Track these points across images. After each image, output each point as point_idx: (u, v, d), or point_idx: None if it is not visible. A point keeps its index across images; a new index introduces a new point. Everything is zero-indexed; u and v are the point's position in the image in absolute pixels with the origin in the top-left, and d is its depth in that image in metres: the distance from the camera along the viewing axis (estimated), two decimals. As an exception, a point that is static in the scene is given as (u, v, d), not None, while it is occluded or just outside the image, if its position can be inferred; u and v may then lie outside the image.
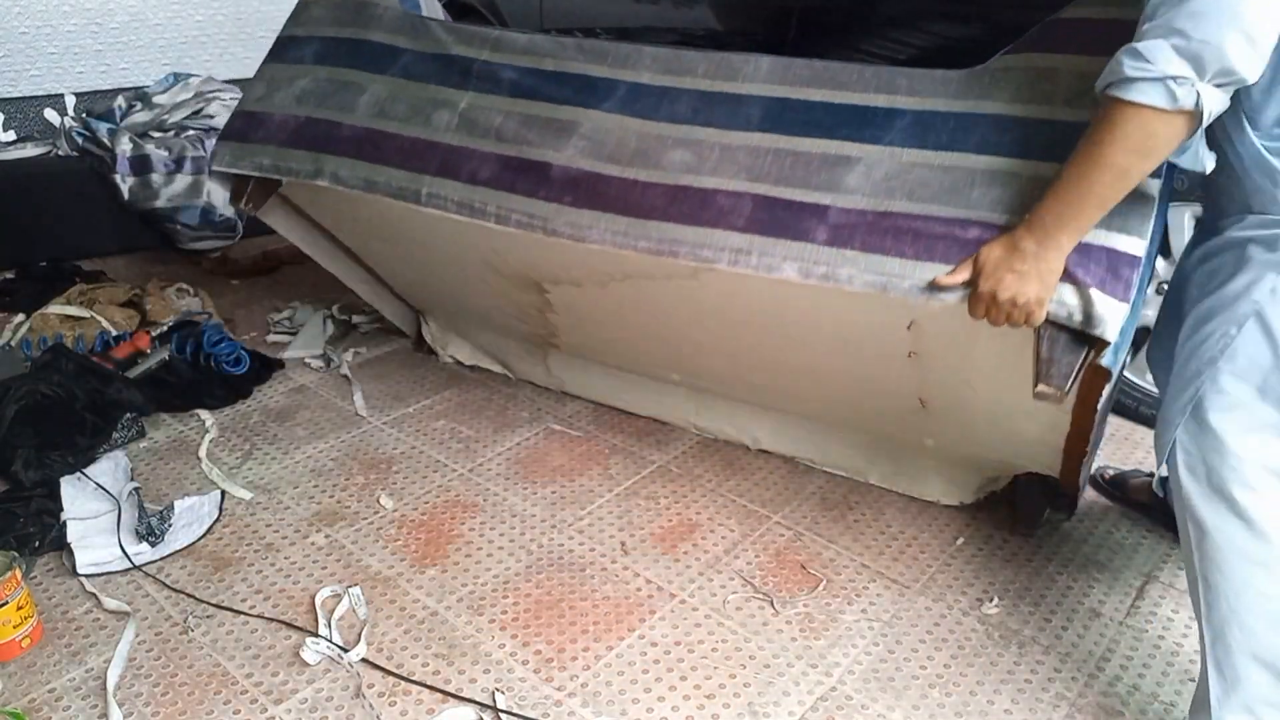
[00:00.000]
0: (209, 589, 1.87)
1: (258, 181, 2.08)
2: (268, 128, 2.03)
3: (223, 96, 3.77)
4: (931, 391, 1.86)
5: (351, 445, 2.38)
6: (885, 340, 1.71)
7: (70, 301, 2.88)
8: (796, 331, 1.83)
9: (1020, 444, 1.88)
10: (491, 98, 1.84)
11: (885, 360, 1.79)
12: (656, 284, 1.84)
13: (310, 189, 2.07)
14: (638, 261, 1.71)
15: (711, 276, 1.69)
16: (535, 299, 2.21)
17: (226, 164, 2.07)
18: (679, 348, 2.16)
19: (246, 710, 1.59)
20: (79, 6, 3.84)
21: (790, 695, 1.62)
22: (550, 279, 2.07)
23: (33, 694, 1.63)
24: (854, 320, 1.71)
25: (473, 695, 1.61)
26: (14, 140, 3.78)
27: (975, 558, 1.97)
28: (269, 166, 2.02)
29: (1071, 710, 1.60)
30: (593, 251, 1.71)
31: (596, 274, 1.94)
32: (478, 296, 2.41)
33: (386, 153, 1.88)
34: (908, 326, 1.65)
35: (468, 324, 2.70)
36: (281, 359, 2.79)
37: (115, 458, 2.24)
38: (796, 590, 1.87)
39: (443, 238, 2.09)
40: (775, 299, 1.71)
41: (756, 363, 2.05)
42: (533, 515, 2.10)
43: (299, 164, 1.98)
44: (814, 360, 1.93)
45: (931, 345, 1.69)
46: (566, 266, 1.98)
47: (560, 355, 2.55)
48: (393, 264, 2.55)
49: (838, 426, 2.19)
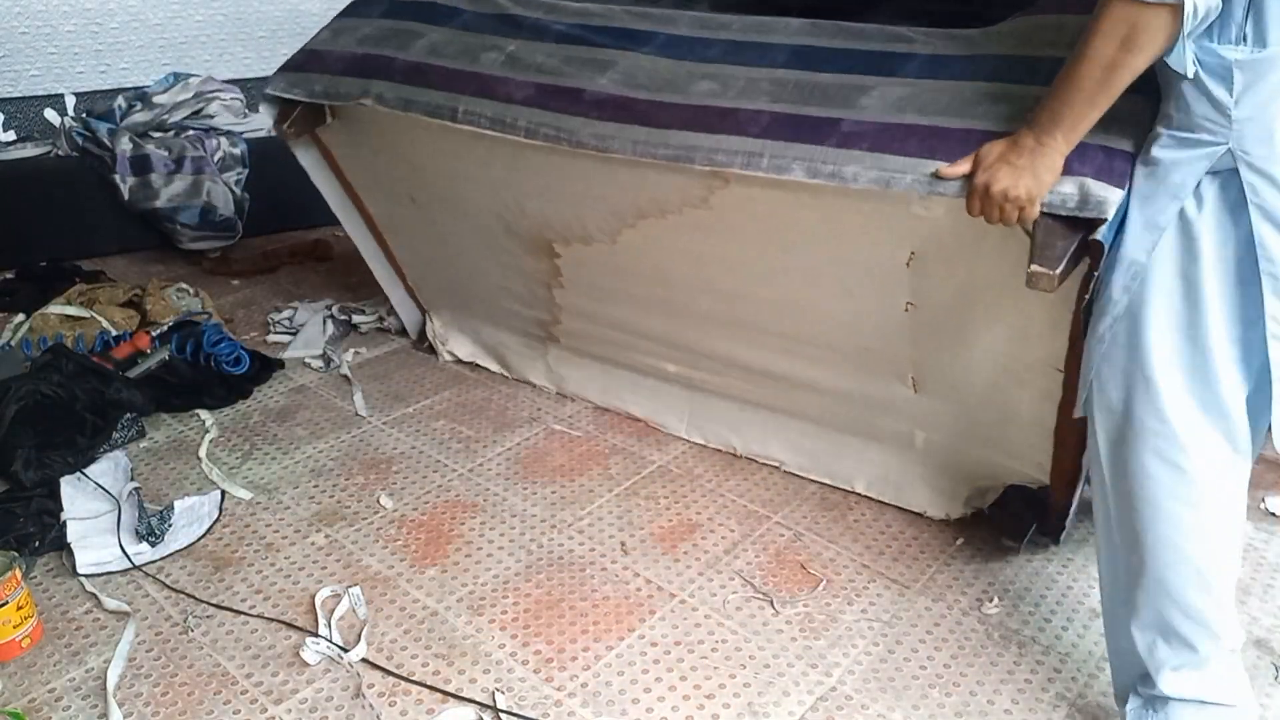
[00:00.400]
0: (209, 589, 1.87)
1: (305, 108, 2.24)
2: (325, 61, 2.21)
3: (223, 96, 3.78)
4: (925, 365, 1.88)
5: (351, 445, 2.38)
6: (885, 284, 1.77)
7: (70, 301, 2.88)
8: (798, 280, 1.89)
9: (1013, 430, 1.87)
10: (538, 44, 1.99)
11: (883, 316, 1.83)
12: (667, 223, 1.93)
13: (348, 136, 2.28)
14: (654, 185, 1.84)
15: (723, 199, 1.79)
16: (546, 266, 2.29)
17: (280, 89, 2.24)
18: (680, 319, 2.18)
19: (246, 710, 1.59)
20: (79, 6, 3.84)
21: (790, 695, 1.62)
22: (562, 236, 2.17)
23: (33, 694, 1.63)
24: (856, 253, 1.76)
25: (473, 695, 1.62)
26: (14, 140, 3.78)
27: (975, 558, 1.97)
28: (319, 92, 2.18)
29: (1071, 710, 1.60)
30: (609, 185, 1.88)
31: (609, 218, 2.02)
32: (489, 273, 2.48)
33: (430, 78, 2.03)
34: (907, 262, 1.70)
35: (471, 317, 2.72)
36: (281, 359, 2.79)
37: (115, 458, 2.24)
38: (796, 590, 1.87)
39: (466, 187, 2.22)
40: (781, 225, 1.79)
41: (755, 327, 2.07)
42: (533, 515, 2.10)
43: (347, 88, 2.13)
44: (813, 321, 1.95)
45: (929, 290, 1.73)
46: (580, 213, 2.06)
47: (559, 351, 2.56)
48: (412, 240, 2.61)
49: (828, 428, 2.18)
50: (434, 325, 2.81)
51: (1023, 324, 1.65)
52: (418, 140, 2.19)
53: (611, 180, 1.90)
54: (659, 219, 1.95)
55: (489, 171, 2.14)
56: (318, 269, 3.55)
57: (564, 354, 2.57)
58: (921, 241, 1.66)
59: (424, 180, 2.34)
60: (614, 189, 1.93)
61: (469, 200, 2.28)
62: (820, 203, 1.68)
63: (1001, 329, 1.70)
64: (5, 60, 3.75)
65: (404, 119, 2.09)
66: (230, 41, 4.22)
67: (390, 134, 2.24)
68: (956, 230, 1.59)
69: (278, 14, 4.29)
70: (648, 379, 2.43)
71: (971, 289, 1.69)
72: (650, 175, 1.83)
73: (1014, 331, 1.68)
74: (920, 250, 1.67)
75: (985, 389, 1.85)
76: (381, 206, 2.57)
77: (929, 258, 1.68)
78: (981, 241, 1.59)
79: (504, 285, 2.49)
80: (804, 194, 1.68)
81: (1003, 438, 1.93)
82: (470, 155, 2.12)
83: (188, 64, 4.09)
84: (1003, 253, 1.57)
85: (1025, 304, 1.60)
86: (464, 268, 2.56)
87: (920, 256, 1.69)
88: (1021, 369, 1.73)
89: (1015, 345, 1.70)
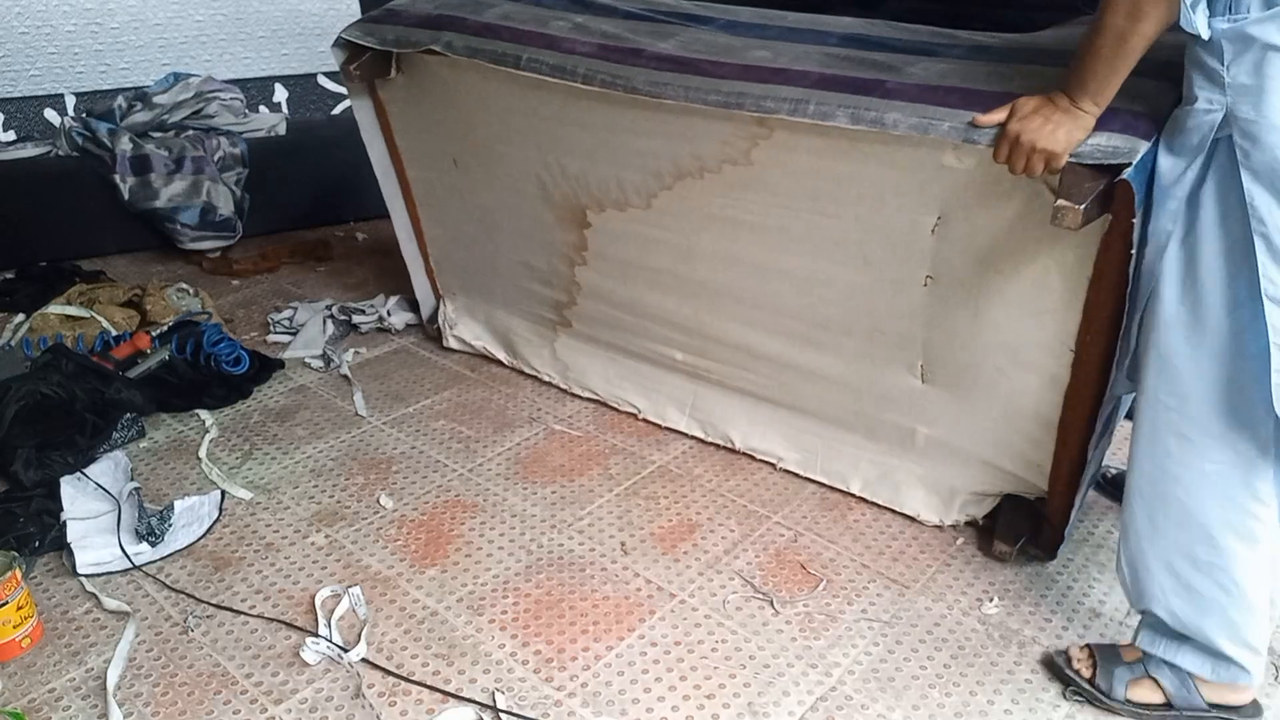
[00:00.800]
0: (209, 589, 1.87)
1: (373, 57, 2.37)
2: (401, 17, 2.36)
3: (223, 96, 3.78)
4: (935, 350, 1.91)
5: (351, 445, 2.38)
6: (907, 255, 1.83)
7: (70, 301, 2.88)
8: (823, 249, 1.95)
9: (1015, 425, 1.88)
10: (605, 18, 2.14)
11: (901, 292, 1.89)
12: (704, 185, 2.03)
13: (406, 93, 2.45)
14: (700, 135, 1.94)
15: (763, 155, 1.89)
16: (574, 239, 2.38)
17: (356, 36, 2.38)
18: (697, 299, 2.23)
19: (246, 710, 1.59)
20: (79, 6, 3.84)
21: (790, 695, 1.62)
22: (597, 201, 2.26)
23: (33, 694, 1.63)
24: (884, 217, 1.82)
25: (473, 695, 1.62)
26: (14, 140, 3.78)
27: (975, 558, 1.97)
28: (391, 40, 2.32)
29: (1072, 710, 1.60)
30: (655, 136, 2.01)
31: (648, 179, 2.11)
32: (514, 248, 2.56)
33: (499, 35, 2.17)
34: (932, 229, 1.77)
35: (485, 302, 2.78)
36: (281, 359, 2.79)
37: (115, 458, 2.24)
38: (796, 590, 1.87)
39: (512, 145, 2.34)
40: (816, 184, 1.88)
41: (771, 308, 2.11)
42: (533, 515, 2.10)
43: (418, 37, 2.27)
44: (830, 300, 2.00)
45: (950, 260, 1.79)
46: (620, 175, 2.17)
47: (567, 338, 2.60)
48: (443, 213, 2.71)
49: (829, 424, 2.18)
50: (445, 309, 2.85)
51: (1038, 298, 1.70)
52: (474, 93, 2.32)
53: (658, 131, 2.01)
54: (697, 179, 2.03)
55: (537, 126, 2.25)
56: (318, 269, 3.55)
57: (571, 341, 2.60)
58: (949, 204, 1.73)
59: (471, 140, 2.43)
60: (659, 142, 2.03)
61: (512, 161, 2.38)
62: (857, 157, 1.78)
63: (1016, 305, 1.75)
64: (5, 60, 3.75)
65: (465, 76, 2.27)
66: (230, 41, 4.22)
67: (448, 89, 2.38)
68: (985, 188, 1.67)
69: (278, 14, 4.29)
70: (652, 369, 2.45)
71: (991, 259, 1.74)
72: (698, 124, 1.93)
73: (1029, 307, 1.73)
74: (946, 214, 1.75)
75: (992, 376, 1.87)
76: (420, 173, 2.67)
77: (954, 222, 1.75)
78: (1007, 203, 1.66)
79: (527, 262, 2.56)
80: (842, 146, 1.78)
81: (1004, 436, 1.93)
82: (522, 107, 2.25)
83: (188, 64, 4.09)
84: (1025, 218, 1.65)
85: (1043, 274, 1.68)
86: (489, 244, 2.62)
87: (945, 221, 1.75)
88: (1032, 350, 1.77)
89: (1029, 323, 1.74)
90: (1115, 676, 1.58)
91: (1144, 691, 1.57)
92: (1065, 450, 1.79)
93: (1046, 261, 1.66)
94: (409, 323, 3.04)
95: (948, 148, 1.65)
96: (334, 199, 3.98)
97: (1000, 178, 1.61)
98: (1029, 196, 1.62)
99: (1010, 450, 1.94)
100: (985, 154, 1.53)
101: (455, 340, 2.83)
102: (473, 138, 2.44)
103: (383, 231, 3.95)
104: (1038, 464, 1.89)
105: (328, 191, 3.95)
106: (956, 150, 1.64)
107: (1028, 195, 1.62)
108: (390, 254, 3.66)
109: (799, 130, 1.79)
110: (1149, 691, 1.57)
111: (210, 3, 4.12)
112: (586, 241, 2.37)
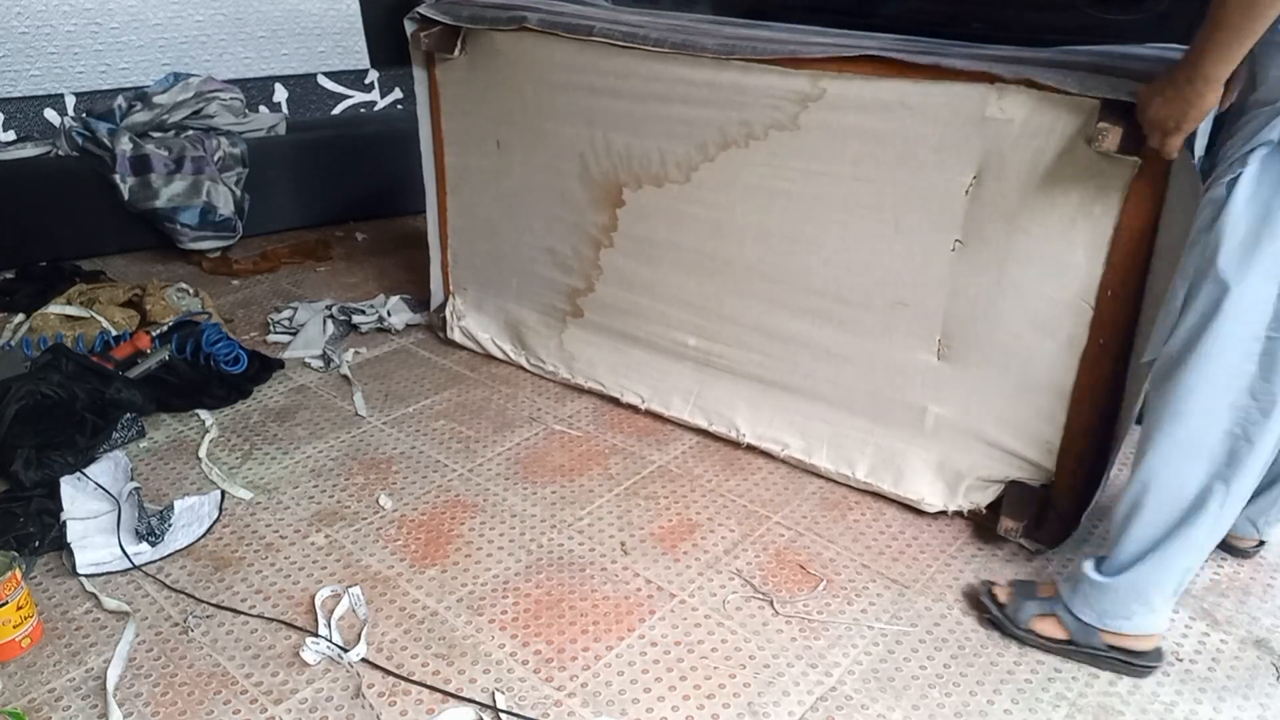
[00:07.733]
0: (209, 589, 1.87)
1: (441, 31, 2.52)
2: (475, 4, 2.51)
3: (222, 96, 3.78)
4: (955, 322, 1.94)
5: (351, 445, 2.38)
6: (939, 218, 1.90)
7: (70, 301, 2.88)
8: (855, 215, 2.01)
9: (1028, 400, 1.89)
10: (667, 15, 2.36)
11: (928, 259, 1.94)
12: (748, 154, 2.11)
13: (466, 73, 2.57)
14: (754, 94, 2.04)
15: (810, 118, 1.99)
16: (606, 219, 2.45)
17: (435, 12, 2.52)
18: (720, 279, 2.29)
19: (246, 710, 1.59)
20: (79, 6, 3.84)
21: (790, 695, 1.62)
22: (636, 178, 2.34)
23: (33, 694, 1.63)
24: (921, 177, 1.89)
25: (473, 695, 1.62)
26: (14, 140, 3.78)
27: (975, 558, 1.97)
28: (466, 16, 2.47)
29: (1071, 710, 1.60)
30: (707, 106, 2.11)
31: (692, 151, 2.20)
32: (540, 233, 2.62)
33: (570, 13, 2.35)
34: (966, 189, 1.84)
35: (497, 294, 2.81)
36: (281, 359, 2.79)
37: (115, 458, 2.24)
38: (796, 590, 1.87)
39: (561, 120, 2.43)
40: (858, 146, 1.95)
41: (795, 283, 2.16)
42: (533, 515, 2.10)
43: (493, 15, 2.42)
44: (856, 271, 2.05)
45: (980, 222, 1.85)
46: (664, 146, 2.25)
47: (576, 329, 2.63)
48: (472, 201, 2.76)
49: (839, 408, 2.18)
50: (454, 303, 2.87)
51: (1062, 253, 1.76)
52: (534, 70, 2.43)
53: (711, 100, 2.11)
54: (741, 148, 2.11)
55: (590, 101, 2.34)
56: (318, 269, 3.55)
57: (579, 332, 2.62)
58: (987, 159, 1.80)
59: (522, 116, 2.52)
60: (711, 111, 2.12)
61: (557, 139, 2.46)
62: (902, 113, 1.86)
63: (1040, 264, 1.80)
64: (5, 60, 3.75)
65: (529, 53, 2.40)
66: (230, 41, 4.22)
67: (508, 67, 2.48)
68: (1022, 140, 1.74)
69: (278, 14, 4.29)
70: (660, 358, 2.47)
71: (1019, 218, 1.80)
72: (750, 90, 2.04)
73: (1052, 264, 1.79)
74: (983, 171, 1.81)
75: (1009, 345, 1.90)
76: (458, 157, 2.73)
77: (988, 181, 1.81)
78: (1041, 154, 1.73)
79: (550, 247, 2.61)
80: (890, 101, 1.86)
81: (1017, 412, 1.93)
82: (581, 83, 2.34)
83: (188, 64, 4.09)
84: (1057, 171, 1.72)
85: (1068, 228, 1.74)
86: (512, 231, 2.68)
87: (980, 180, 1.82)
88: (1052, 311, 1.81)
89: (1051, 281, 1.80)
90: (1024, 609, 1.72)
91: (1047, 626, 1.69)
92: (1078, 418, 1.81)
93: (1074, 214, 1.72)
94: (409, 323, 3.04)
95: (992, 97, 1.73)
96: (334, 199, 3.98)
97: (1039, 129, 1.70)
98: (1064, 147, 1.68)
99: (1021, 428, 1.94)
100: (1028, 102, 1.66)
101: (460, 333, 2.85)
102: (522, 116, 2.52)
103: (383, 231, 3.96)
104: (1047, 441, 1.90)
105: (327, 191, 3.95)
106: (1001, 99, 1.73)
107: (1062, 145, 1.68)
108: (390, 254, 3.67)
109: (853, 86, 1.89)
110: (1052, 627, 1.69)
111: (210, 3, 4.12)
112: (617, 221, 2.42)
